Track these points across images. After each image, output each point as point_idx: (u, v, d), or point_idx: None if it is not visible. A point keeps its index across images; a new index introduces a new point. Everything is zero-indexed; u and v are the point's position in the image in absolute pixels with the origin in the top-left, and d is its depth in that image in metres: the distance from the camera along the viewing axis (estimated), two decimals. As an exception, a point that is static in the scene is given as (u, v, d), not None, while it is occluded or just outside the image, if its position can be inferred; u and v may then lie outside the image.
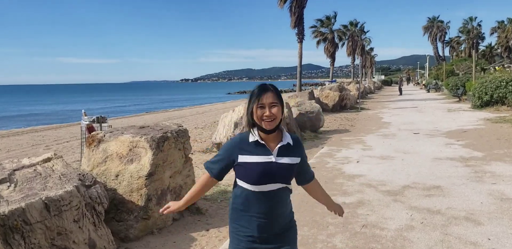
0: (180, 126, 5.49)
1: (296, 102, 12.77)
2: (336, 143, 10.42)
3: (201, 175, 2.83)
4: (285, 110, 10.74)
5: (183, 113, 22.62)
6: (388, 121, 14.81)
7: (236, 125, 9.20)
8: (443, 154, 8.50)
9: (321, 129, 12.48)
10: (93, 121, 6.73)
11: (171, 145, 4.79)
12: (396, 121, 14.69)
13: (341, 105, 19.73)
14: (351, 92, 21.70)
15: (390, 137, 11.11)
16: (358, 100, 21.96)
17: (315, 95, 18.13)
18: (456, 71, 38.52)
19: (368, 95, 34.92)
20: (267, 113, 2.03)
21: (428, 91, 38.87)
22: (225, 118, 9.96)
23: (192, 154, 9.11)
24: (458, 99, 24.65)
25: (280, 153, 2.06)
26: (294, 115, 11.36)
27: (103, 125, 6.85)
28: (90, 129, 6.64)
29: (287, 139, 2.11)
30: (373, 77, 73.96)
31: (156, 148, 4.57)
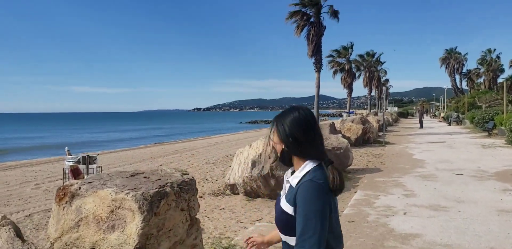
0: (184, 174, 4.04)
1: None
2: (371, 186, 8.90)
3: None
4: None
5: (194, 145, 21.28)
6: (421, 159, 13.26)
7: (254, 164, 7.77)
8: (507, 205, 6.94)
9: (349, 167, 10.99)
10: (78, 162, 5.38)
11: (170, 204, 3.35)
12: (430, 159, 13.14)
13: (364, 139, 18.25)
14: (373, 125, 20.25)
15: (431, 179, 9.58)
16: (382, 134, 20.47)
17: (336, 128, 16.72)
18: (479, 103, 36.97)
19: (388, 127, 33.37)
20: None
21: (449, 124, 37.22)
22: (240, 155, 8.56)
23: (201, 197, 7.67)
24: (487, 133, 23.02)
25: (287, 191, 1.71)
26: (320, 152, 9.91)
27: (90, 166, 5.48)
28: (74, 172, 5.31)
29: (300, 172, 1.67)
30: (387, 109, 72.49)
31: (148, 210, 3.14)
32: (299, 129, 1.68)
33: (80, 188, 3.54)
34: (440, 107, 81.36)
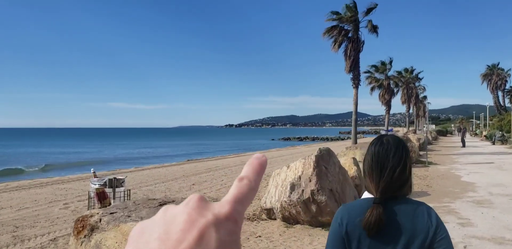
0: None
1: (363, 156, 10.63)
2: (420, 213, 8.12)
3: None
4: (353, 167, 8.66)
5: (227, 162, 20.82)
6: (471, 182, 12.29)
7: (293, 187, 7.17)
8: None
9: (393, 190, 10.22)
10: (105, 184, 4.95)
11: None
12: (480, 182, 12.15)
13: (405, 159, 17.30)
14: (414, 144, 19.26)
15: (487, 205, 8.70)
16: (424, 153, 19.44)
17: (376, 147, 15.90)
18: (526, 122, 35.08)
19: (428, 146, 32.01)
20: None
21: (494, 144, 35.45)
22: (277, 177, 7.98)
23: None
24: (538, 154, 21.55)
25: None
26: (362, 173, 9.23)
27: (117, 190, 5.04)
28: (100, 195, 4.88)
29: None
30: (424, 127, 70.38)
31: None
32: (370, 162, 1.72)
33: (100, 219, 3.08)
34: (481, 125, 78.34)
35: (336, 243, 1.65)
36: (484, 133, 46.86)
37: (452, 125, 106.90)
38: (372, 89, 35.03)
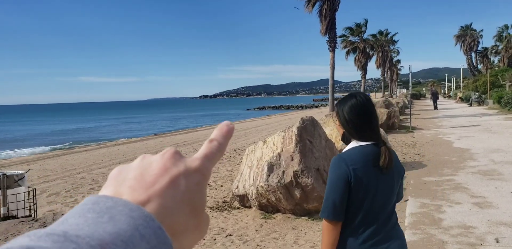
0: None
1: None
2: (423, 190, 6.81)
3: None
4: (341, 139, 7.18)
5: (197, 136, 19.16)
6: (465, 148, 11.12)
7: (271, 168, 5.68)
8: None
9: (385, 162, 8.89)
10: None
11: None
12: (475, 148, 10.99)
13: (388, 125, 16.08)
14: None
15: (496, 177, 7.47)
16: (404, 118, 18.26)
17: (358, 113, 14.56)
18: (502, 82, 34.47)
19: (405, 110, 31.10)
20: None
21: (471, 105, 34.83)
22: (251, 155, 6.47)
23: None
24: (521, 114, 20.74)
25: None
26: (351, 146, 7.81)
27: (11, 191, 3.42)
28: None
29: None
30: (404, 90, 70.14)
31: None
32: (356, 115, 1.87)
33: None
34: (452, 88, 78.52)
35: (344, 188, 1.80)
36: (459, 95, 46.40)
37: (424, 88, 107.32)
38: (348, 53, 33.52)
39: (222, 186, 7.62)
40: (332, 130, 7.28)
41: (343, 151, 1.93)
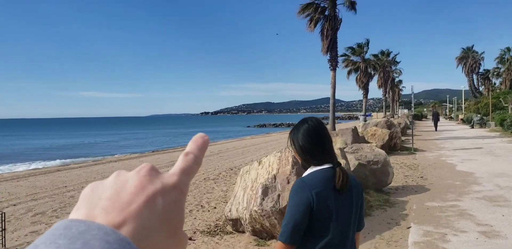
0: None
1: (348, 146, 8.94)
2: (426, 216, 6.47)
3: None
4: (341, 161, 6.86)
5: (194, 153, 18.81)
6: (469, 171, 10.79)
7: (265, 190, 5.37)
8: None
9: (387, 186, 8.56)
10: None
11: None
12: (479, 172, 10.67)
13: (390, 146, 15.77)
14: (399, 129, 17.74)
15: (503, 204, 7.14)
16: (406, 139, 17.96)
17: (358, 134, 14.29)
18: (504, 104, 34.27)
19: (407, 131, 30.80)
20: None
21: (472, 127, 34.55)
22: (246, 176, 6.17)
23: (191, 239, 5.30)
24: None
25: None
26: (352, 168, 7.48)
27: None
28: None
29: None
30: (407, 110, 70.00)
31: None
32: (309, 140, 1.90)
33: None
34: (453, 109, 78.38)
35: (305, 213, 1.77)
36: (461, 117, 46.16)
37: (425, 109, 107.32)
38: (349, 73, 33.42)
39: (215, 207, 7.27)
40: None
41: (304, 175, 1.92)
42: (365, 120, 26.41)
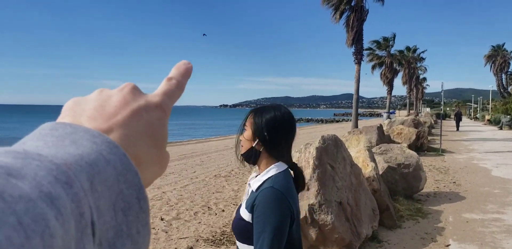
0: None
1: (374, 145, 8.02)
2: (466, 231, 5.55)
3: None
4: (369, 164, 5.98)
5: (208, 147, 18.05)
6: (508, 178, 9.76)
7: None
8: None
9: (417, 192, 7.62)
10: None
11: None
12: (518, 178, 9.64)
13: (417, 146, 14.73)
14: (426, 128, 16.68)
15: (555, 218, 6.15)
16: (433, 139, 16.88)
17: (384, 132, 13.31)
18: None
19: (432, 130, 29.55)
20: None
21: (501, 129, 33.02)
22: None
23: (190, 250, 4.51)
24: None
25: (248, 196, 1.62)
26: (380, 171, 6.58)
27: None
28: None
29: (263, 176, 1.56)
30: (420, 110, 68.24)
31: None
32: (279, 127, 1.59)
33: None
34: (478, 109, 76.02)
35: (288, 228, 1.48)
36: (487, 117, 44.44)
37: (448, 109, 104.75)
38: (373, 67, 32.19)
39: (223, 210, 6.46)
40: (359, 151, 6.09)
41: (266, 178, 1.56)
42: (389, 118, 25.29)
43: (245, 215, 1.51)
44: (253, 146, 1.57)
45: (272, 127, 1.57)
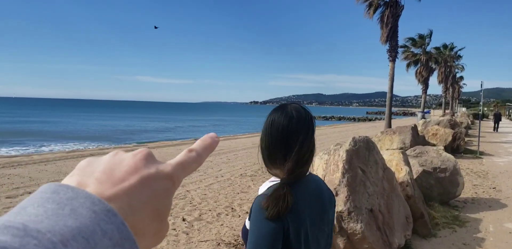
0: None
1: (408, 147, 7.59)
2: (511, 245, 5.11)
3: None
4: (403, 168, 5.61)
5: (235, 144, 17.86)
6: (552, 184, 9.12)
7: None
8: None
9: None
10: None
11: None
12: None
13: (453, 148, 14.08)
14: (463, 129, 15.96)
15: None
16: (470, 140, 16.14)
17: (418, 132, 12.75)
18: None
19: (469, 131, 28.45)
20: None
21: (544, 131, 31.49)
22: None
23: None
24: None
25: None
26: (415, 175, 6.17)
27: None
28: None
29: (266, 184, 1.49)
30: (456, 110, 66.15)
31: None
32: (273, 134, 1.39)
33: None
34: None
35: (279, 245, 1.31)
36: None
37: (486, 109, 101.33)
38: (408, 65, 31.21)
39: (247, 212, 6.21)
40: (392, 154, 5.71)
41: (267, 186, 1.43)
42: (423, 118, 24.45)
43: (247, 222, 1.44)
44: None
45: (264, 133, 1.42)
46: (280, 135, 1.38)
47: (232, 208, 6.40)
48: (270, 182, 1.46)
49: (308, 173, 1.46)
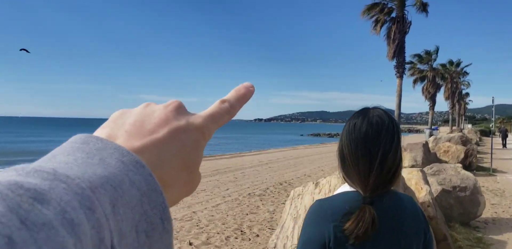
0: None
1: (421, 164, 7.28)
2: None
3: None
4: (423, 187, 5.30)
5: (242, 162, 17.58)
6: None
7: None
8: None
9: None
10: None
11: None
12: None
13: (465, 165, 13.69)
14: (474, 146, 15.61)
15: None
16: (482, 157, 15.77)
17: (429, 149, 12.43)
18: None
19: (478, 148, 28.02)
20: None
21: (553, 147, 31.03)
22: (297, 200, 4.77)
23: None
24: None
25: None
26: (434, 194, 5.85)
27: None
28: None
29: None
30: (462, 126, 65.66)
31: None
32: (349, 141, 1.25)
33: None
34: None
35: None
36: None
37: (491, 125, 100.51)
38: (415, 81, 31.07)
39: (258, 235, 5.88)
40: (411, 172, 5.41)
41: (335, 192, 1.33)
42: (431, 134, 24.10)
43: None
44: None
45: (341, 140, 1.30)
46: (358, 145, 1.22)
47: (241, 231, 6.07)
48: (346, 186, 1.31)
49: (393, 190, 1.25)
